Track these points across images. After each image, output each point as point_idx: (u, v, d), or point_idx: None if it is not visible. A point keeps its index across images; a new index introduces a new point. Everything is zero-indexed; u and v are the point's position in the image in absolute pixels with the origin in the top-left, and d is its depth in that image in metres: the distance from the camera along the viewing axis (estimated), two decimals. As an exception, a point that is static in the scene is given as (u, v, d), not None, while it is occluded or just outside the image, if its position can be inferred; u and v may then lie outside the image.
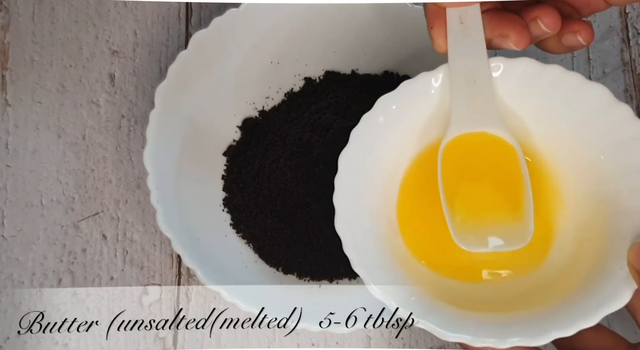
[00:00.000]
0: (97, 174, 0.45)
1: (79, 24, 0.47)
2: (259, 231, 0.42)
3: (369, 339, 0.42)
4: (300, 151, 0.42)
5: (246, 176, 0.43)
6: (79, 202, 0.44)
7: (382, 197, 0.36)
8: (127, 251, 0.43)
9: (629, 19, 0.47)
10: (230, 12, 0.42)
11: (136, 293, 0.43)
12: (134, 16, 0.47)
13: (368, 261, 0.33)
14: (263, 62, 0.45)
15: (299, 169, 0.42)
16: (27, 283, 0.43)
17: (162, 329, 0.42)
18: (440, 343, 0.42)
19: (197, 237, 0.41)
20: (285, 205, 0.41)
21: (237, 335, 0.42)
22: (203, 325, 0.41)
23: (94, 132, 0.45)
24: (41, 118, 0.45)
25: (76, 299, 0.43)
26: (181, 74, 0.42)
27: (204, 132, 0.43)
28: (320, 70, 0.45)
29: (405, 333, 0.42)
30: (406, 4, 0.43)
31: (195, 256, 0.39)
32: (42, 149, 0.45)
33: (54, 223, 0.44)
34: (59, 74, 0.46)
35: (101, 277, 0.43)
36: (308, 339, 0.42)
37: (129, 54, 0.47)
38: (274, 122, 0.44)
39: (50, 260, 0.43)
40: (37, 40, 0.47)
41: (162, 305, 0.43)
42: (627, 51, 0.47)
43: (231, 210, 0.43)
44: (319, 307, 0.40)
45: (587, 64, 0.46)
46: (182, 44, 0.47)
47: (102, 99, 0.46)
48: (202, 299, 0.43)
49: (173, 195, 0.41)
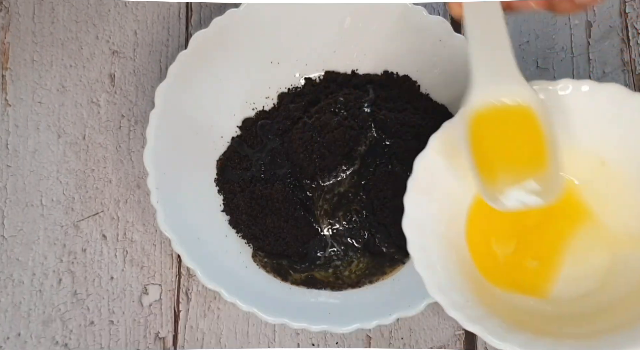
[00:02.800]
0: (97, 174, 0.45)
1: (79, 24, 0.47)
2: (259, 231, 0.42)
3: (369, 339, 0.42)
4: (300, 151, 0.42)
5: (246, 176, 0.43)
6: (79, 202, 0.44)
7: (453, 202, 0.36)
8: (127, 251, 0.43)
9: (629, 19, 0.47)
10: (230, 12, 0.42)
11: (136, 293, 0.43)
12: (134, 16, 0.47)
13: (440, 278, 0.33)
14: (263, 62, 0.45)
15: (299, 169, 0.42)
16: (27, 283, 0.43)
17: (162, 329, 0.42)
18: (440, 343, 0.42)
19: (197, 237, 0.41)
20: (285, 205, 0.41)
21: (237, 335, 0.42)
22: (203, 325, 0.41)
23: (94, 132, 0.45)
24: (41, 118, 0.45)
25: (76, 299, 0.43)
26: (181, 74, 0.42)
27: (204, 132, 0.43)
28: (320, 70, 0.45)
29: (405, 333, 0.42)
30: (406, 4, 0.43)
31: (195, 256, 0.39)
32: (42, 149, 0.45)
33: (54, 223, 0.44)
34: (59, 74, 0.46)
35: (101, 277, 0.43)
36: (308, 339, 0.42)
37: (129, 54, 0.47)
38: (274, 122, 0.44)
39: (50, 260, 0.43)
40: (37, 40, 0.47)
41: (162, 305, 0.43)
42: (627, 51, 0.47)
43: (231, 210, 0.43)
44: (319, 307, 0.40)
45: (587, 64, 0.46)
46: (182, 44, 0.47)
47: (102, 99, 0.46)
48: (202, 299, 0.43)
49: (173, 195, 0.41)
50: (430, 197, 0.35)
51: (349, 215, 0.42)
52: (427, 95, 0.44)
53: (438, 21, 0.42)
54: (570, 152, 0.36)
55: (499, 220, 0.37)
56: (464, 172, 0.35)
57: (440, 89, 0.44)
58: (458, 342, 0.42)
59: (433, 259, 0.34)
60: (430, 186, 0.35)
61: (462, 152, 0.34)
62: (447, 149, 0.35)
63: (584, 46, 0.47)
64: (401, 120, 0.42)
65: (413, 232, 0.34)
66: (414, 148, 0.42)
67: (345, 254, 0.42)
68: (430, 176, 0.35)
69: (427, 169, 0.35)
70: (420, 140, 0.42)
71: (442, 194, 0.36)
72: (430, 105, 0.44)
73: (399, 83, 0.45)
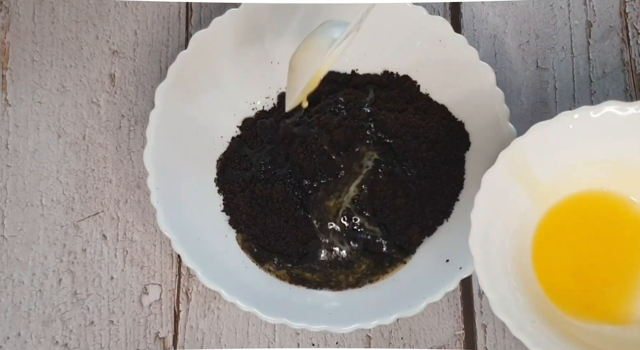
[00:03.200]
0: (97, 174, 0.45)
1: (79, 24, 0.47)
2: (259, 231, 0.42)
3: (369, 339, 0.42)
4: (300, 151, 0.42)
5: (246, 176, 0.43)
6: (79, 202, 0.44)
7: (520, 222, 0.36)
8: (127, 251, 0.43)
9: (629, 19, 0.47)
10: (230, 12, 0.42)
11: (136, 293, 0.43)
12: (134, 16, 0.47)
13: (507, 303, 0.33)
14: (263, 62, 0.45)
15: (299, 169, 0.42)
16: (27, 283, 0.43)
17: (162, 329, 0.42)
18: (440, 343, 0.42)
19: (197, 237, 0.41)
20: (285, 205, 0.41)
21: (237, 335, 0.42)
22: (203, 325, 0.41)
23: (94, 132, 0.45)
24: (41, 118, 0.45)
25: (76, 299, 0.43)
26: (181, 74, 0.42)
27: (204, 131, 0.43)
28: (320, 70, 0.45)
29: (405, 333, 0.42)
30: (406, 4, 0.43)
31: (195, 256, 0.39)
32: (42, 149, 0.45)
33: (54, 223, 0.44)
34: (59, 74, 0.46)
35: (101, 277, 0.43)
36: (308, 339, 0.42)
37: (129, 54, 0.47)
38: (274, 122, 0.44)
39: (50, 260, 0.43)
40: (37, 40, 0.47)
41: (162, 305, 0.43)
42: (627, 51, 0.47)
43: (231, 210, 0.43)
44: (319, 307, 0.40)
45: (587, 64, 0.46)
46: (182, 44, 0.47)
47: (102, 99, 0.46)
48: (202, 299, 0.43)
49: (173, 195, 0.41)
50: (496, 214, 0.35)
51: (349, 215, 0.42)
52: (427, 95, 0.44)
53: (438, 21, 0.42)
54: (632, 170, 0.36)
55: (567, 243, 0.37)
56: (531, 190, 0.35)
57: (440, 89, 0.44)
58: (458, 342, 0.42)
59: (499, 278, 0.34)
60: (497, 203, 0.35)
61: (529, 171, 0.34)
62: (515, 166, 0.35)
63: (584, 46, 0.47)
64: (401, 120, 0.42)
65: (479, 249, 0.34)
66: (414, 148, 0.42)
67: (345, 254, 0.42)
68: (496, 193, 0.35)
69: (495, 185, 0.34)
70: (420, 140, 0.42)
71: (509, 212, 0.35)
72: (430, 105, 0.44)
73: (399, 83, 0.45)
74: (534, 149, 0.34)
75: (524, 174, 0.35)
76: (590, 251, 0.37)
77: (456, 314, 0.42)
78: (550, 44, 0.47)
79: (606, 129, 0.34)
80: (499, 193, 0.35)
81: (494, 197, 0.35)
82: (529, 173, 0.35)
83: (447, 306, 0.43)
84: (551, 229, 0.36)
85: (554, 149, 0.35)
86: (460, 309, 0.42)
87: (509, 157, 0.35)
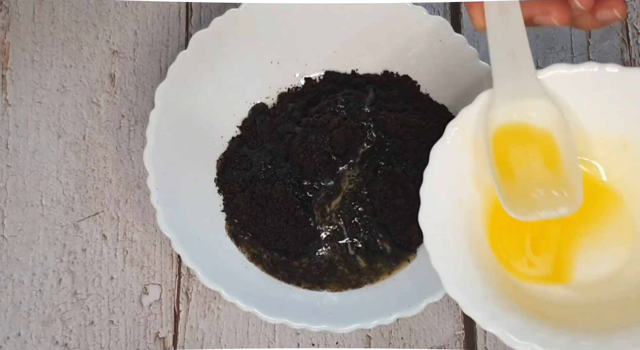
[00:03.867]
0: (97, 174, 0.45)
1: (79, 24, 0.47)
2: (259, 231, 0.42)
3: (369, 339, 0.42)
4: (300, 151, 0.42)
5: (246, 176, 0.43)
6: (79, 202, 0.44)
7: (471, 193, 0.36)
8: (127, 251, 0.43)
9: (629, 19, 0.47)
10: (230, 12, 0.42)
11: (136, 293, 0.43)
12: (134, 16, 0.47)
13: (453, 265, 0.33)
14: (263, 62, 0.45)
15: (299, 169, 0.42)
16: (27, 283, 0.43)
17: (162, 329, 0.42)
18: (440, 343, 0.42)
19: (197, 237, 0.41)
20: (285, 205, 0.41)
21: (237, 335, 0.42)
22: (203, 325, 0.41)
23: (94, 132, 0.45)
24: (41, 118, 0.45)
25: (76, 299, 0.43)
26: (181, 74, 0.42)
27: (204, 132, 0.43)
28: (320, 70, 0.45)
29: (405, 333, 0.42)
30: (406, 4, 0.43)
31: (195, 256, 0.39)
32: (42, 149, 0.45)
33: (54, 223, 0.44)
34: (59, 74, 0.46)
35: (101, 277, 0.43)
36: (308, 339, 0.42)
37: (129, 54, 0.47)
38: (274, 122, 0.44)
39: (50, 260, 0.43)
40: (37, 40, 0.47)
41: (162, 305, 0.43)
42: (627, 51, 0.47)
43: (231, 210, 0.43)
44: (319, 307, 0.40)
45: (587, 64, 0.46)
46: (182, 44, 0.47)
47: (102, 99, 0.46)
48: (202, 299, 0.43)
49: (173, 195, 0.41)
50: (447, 188, 0.35)
51: (349, 215, 0.42)
52: (427, 95, 0.44)
53: (438, 21, 0.42)
54: (592, 135, 0.36)
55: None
56: (482, 164, 0.35)
57: (440, 89, 0.44)
58: (458, 342, 0.42)
59: (451, 253, 0.34)
60: (446, 177, 0.35)
61: (480, 145, 0.34)
62: (464, 138, 0.35)
63: (584, 46, 0.47)
64: (401, 120, 0.42)
65: (430, 226, 0.33)
66: (414, 148, 0.42)
67: (345, 254, 0.42)
68: (446, 166, 0.34)
69: (443, 159, 0.34)
70: (420, 140, 0.42)
71: (459, 184, 0.35)
72: (430, 105, 0.44)
73: (399, 83, 0.45)
74: (479, 116, 0.34)
75: (472, 146, 0.35)
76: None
77: (456, 314, 0.43)
78: (550, 44, 0.47)
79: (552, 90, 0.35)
80: (448, 166, 0.34)
81: (443, 170, 0.34)
82: (478, 145, 0.35)
83: (447, 306, 0.43)
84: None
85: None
86: (460, 309, 0.42)
87: (455, 126, 0.34)
